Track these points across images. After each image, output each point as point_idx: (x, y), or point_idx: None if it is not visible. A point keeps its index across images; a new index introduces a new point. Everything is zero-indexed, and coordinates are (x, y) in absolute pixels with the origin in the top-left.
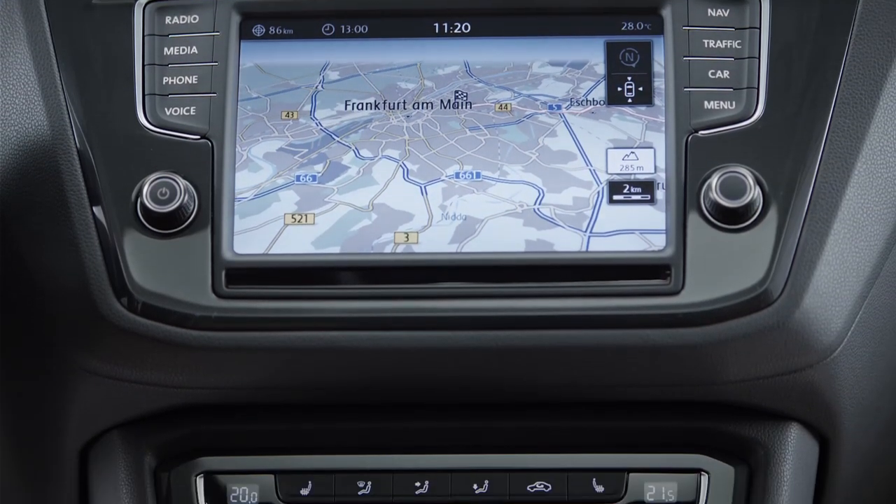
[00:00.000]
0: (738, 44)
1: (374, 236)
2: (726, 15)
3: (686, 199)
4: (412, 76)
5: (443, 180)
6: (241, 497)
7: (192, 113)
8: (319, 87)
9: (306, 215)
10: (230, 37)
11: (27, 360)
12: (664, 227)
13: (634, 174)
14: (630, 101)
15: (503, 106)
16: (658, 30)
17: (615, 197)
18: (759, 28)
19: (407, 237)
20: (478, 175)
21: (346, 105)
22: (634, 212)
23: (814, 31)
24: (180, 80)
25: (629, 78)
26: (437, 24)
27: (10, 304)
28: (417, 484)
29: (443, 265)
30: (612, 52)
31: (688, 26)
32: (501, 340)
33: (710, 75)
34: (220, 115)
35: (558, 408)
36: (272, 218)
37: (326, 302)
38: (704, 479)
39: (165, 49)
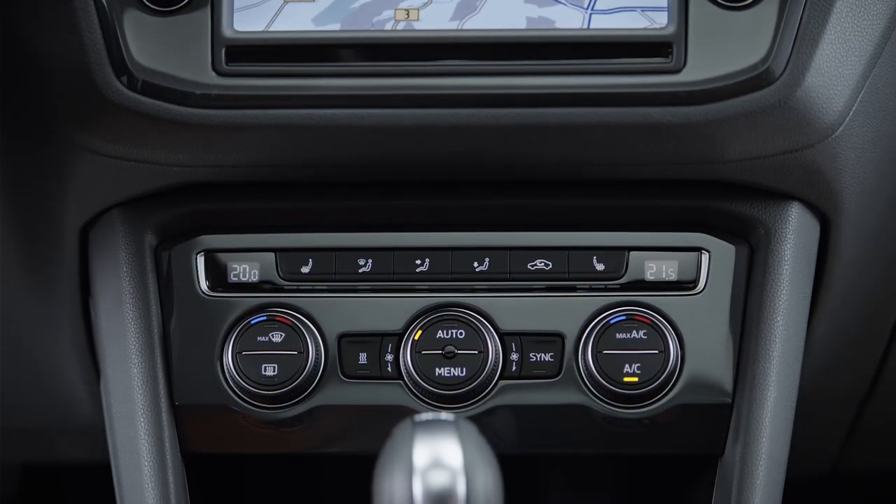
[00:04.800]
0: None
1: (374, 13)
2: None
3: None
4: None
5: None
6: (241, 275)
7: None
8: None
9: None
10: None
11: (28, 141)
12: (666, 5)
13: None
14: None
15: None
16: None
17: None
18: None
19: (407, 14)
20: None
21: None
22: None
23: None
24: None
25: None
26: None
27: (11, 86)
28: (418, 262)
29: (443, 42)
30: None
31: None
32: (502, 118)
33: None
34: None
35: (559, 186)
36: None
37: (326, 79)
38: (705, 257)
39: None
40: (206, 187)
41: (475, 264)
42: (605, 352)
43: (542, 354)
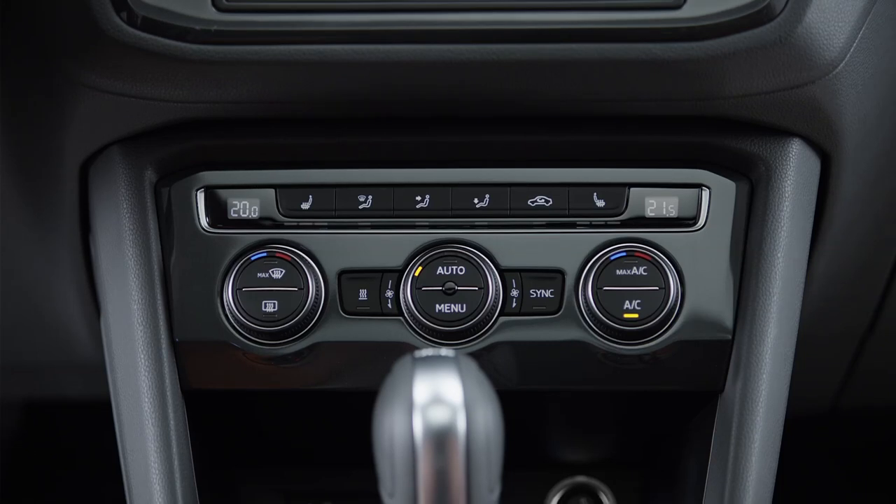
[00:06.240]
0: None
1: None
2: None
3: None
4: None
5: None
6: (241, 211)
7: None
8: None
9: None
10: None
11: (28, 77)
12: None
13: None
14: None
15: None
16: None
17: None
18: None
19: None
20: None
21: None
22: None
23: None
24: None
25: None
26: None
27: (11, 22)
28: (418, 198)
29: None
30: None
31: None
32: (502, 54)
33: None
34: None
35: (560, 122)
36: None
37: (326, 15)
38: (705, 193)
39: None
40: (206, 123)
41: (475, 200)
42: (605, 288)
43: (543, 291)
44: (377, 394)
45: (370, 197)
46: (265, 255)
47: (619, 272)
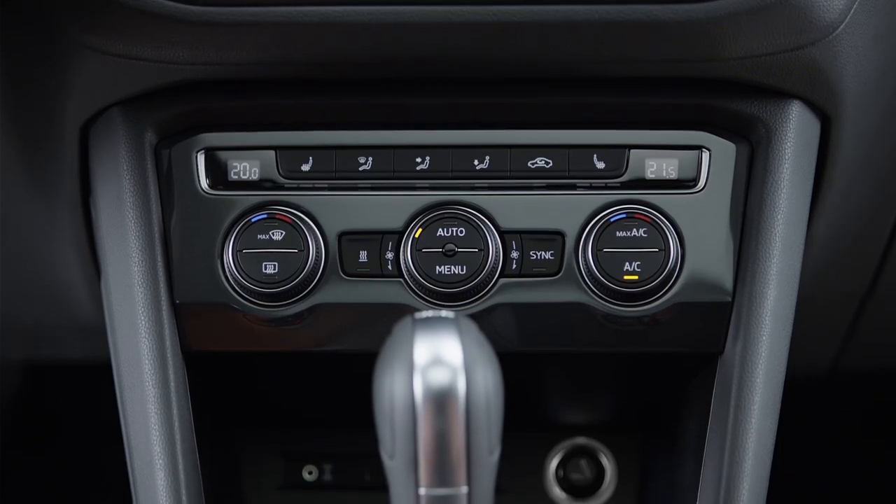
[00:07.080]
0: None
1: None
2: None
3: None
4: None
5: None
6: (241, 173)
7: None
8: None
9: None
10: None
11: (29, 39)
12: None
13: None
14: None
15: None
16: None
17: None
18: None
19: None
20: None
21: None
22: None
23: None
24: None
25: None
26: None
27: None
28: (418, 159)
29: None
30: None
31: None
32: (505, 15)
33: None
34: None
35: (560, 84)
36: None
37: None
38: (706, 155)
39: None
40: (207, 85)
41: (476, 162)
42: (605, 250)
43: (543, 252)
44: (377, 355)
45: (370, 158)
46: (265, 216)
47: (619, 234)
